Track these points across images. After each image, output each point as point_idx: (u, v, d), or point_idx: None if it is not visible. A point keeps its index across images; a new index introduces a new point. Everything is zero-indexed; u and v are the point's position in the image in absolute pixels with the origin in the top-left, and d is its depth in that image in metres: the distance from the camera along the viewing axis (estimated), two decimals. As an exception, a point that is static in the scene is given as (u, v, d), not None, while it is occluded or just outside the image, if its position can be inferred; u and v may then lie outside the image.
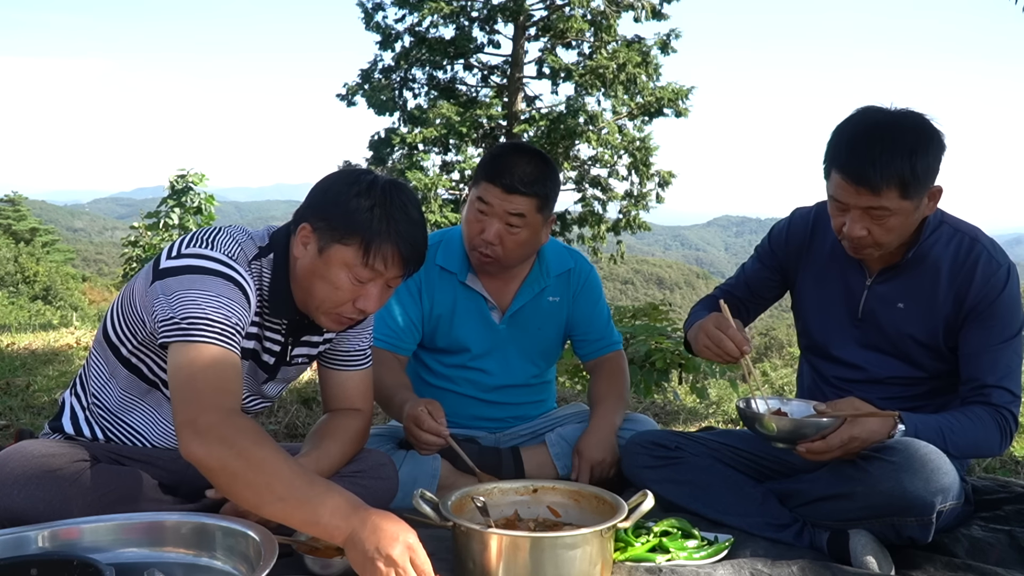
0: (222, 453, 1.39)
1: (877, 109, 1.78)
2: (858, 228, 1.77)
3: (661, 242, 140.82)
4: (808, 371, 2.15)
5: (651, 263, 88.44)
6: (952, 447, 1.74)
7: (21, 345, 5.49)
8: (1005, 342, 1.83)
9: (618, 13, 16.84)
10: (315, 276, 1.64)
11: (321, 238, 1.62)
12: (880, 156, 1.69)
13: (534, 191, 2.11)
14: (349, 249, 1.60)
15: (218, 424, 1.41)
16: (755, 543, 1.83)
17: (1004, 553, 1.76)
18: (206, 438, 1.40)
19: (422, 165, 17.52)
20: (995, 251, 1.87)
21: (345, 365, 1.93)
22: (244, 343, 1.68)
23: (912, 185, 1.70)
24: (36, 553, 1.37)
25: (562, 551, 1.48)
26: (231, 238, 1.66)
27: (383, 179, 1.66)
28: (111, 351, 1.77)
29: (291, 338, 1.80)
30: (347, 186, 1.63)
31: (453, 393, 2.37)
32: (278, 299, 1.71)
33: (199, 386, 1.46)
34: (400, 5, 17.25)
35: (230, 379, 1.50)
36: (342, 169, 1.68)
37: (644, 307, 6.77)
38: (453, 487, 1.94)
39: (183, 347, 1.50)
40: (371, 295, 1.65)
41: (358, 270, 1.61)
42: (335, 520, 1.34)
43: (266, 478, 1.37)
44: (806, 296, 2.10)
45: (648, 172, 17.68)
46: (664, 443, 2.07)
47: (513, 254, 2.19)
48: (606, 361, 2.44)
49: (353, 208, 1.59)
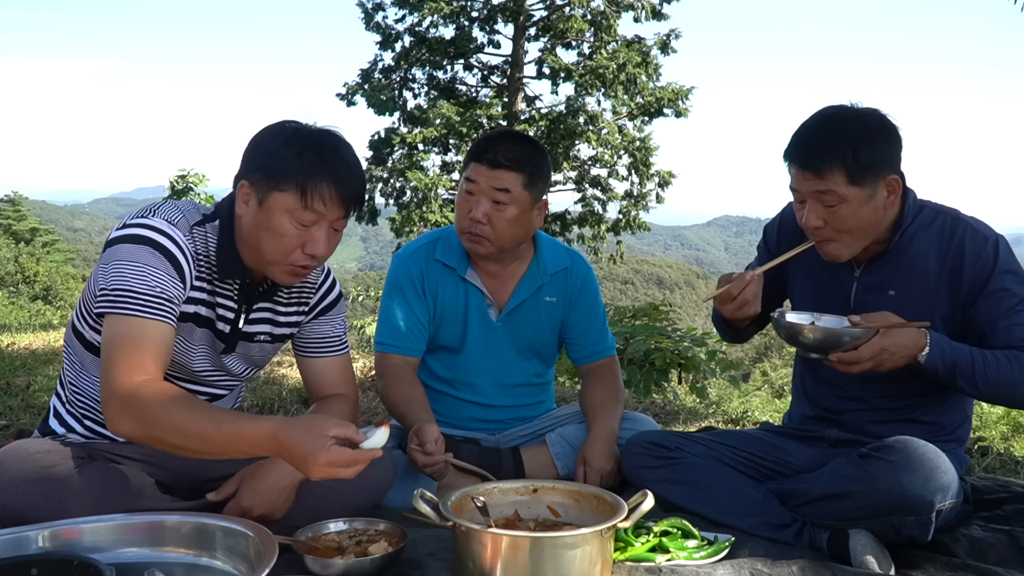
0: (140, 425, 1.50)
1: (834, 105, 1.87)
2: (813, 217, 1.84)
3: (661, 242, 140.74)
4: (807, 374, 2.13)
5: (651, 263, 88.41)
6: (981, 379, 1.75)
7: (21, 345, 5.49)
8: (1020, 303, 1.82)
9: (618, 13, 16.83)
10: (260, 229, 1.66)
11: (259, 190, 1.65)
12: (822, 141, 1.79)
13: (519, 167, 2.14)
14: (287, 195, 1.63)
15: (131, 397, 1.50)
16: (755, 543, 1.83)
17: (1004, 553, 1.76)
18: (123, 413, 1.51)
19: (422, 165, 17.52)
20: (979, 225, 1.89)
21: (322, 352, 1.96)
22: (197, 310, 1.73)
23: (856, 170, 1.77)
24: (36, 553, 1.37)
25: (562, 551, 1.49)
26: (175, 207, 1.71)
27: (311, 127, 1.70)
28: (77, 340, 1.80)
29: (244, 305, 1.81)
30: (275, 135, 1.66)
31: (452, 397, 2.38)
32: (225, 260, 1.73)
33: (114, 361, 1.55)
34: (400, 5, 17.24)
35: (147, 350, 1.56)
36: (265, 126, 1.71)
37: (644, 307, 6.77)
38: (453, 487, 1.94)
39: (109, 319, 1.59)
40: (318, 239, 1.67)
41: (299, 214, 1.64)
42: (259, 452, 1.46)
43: (184, 439, 1.47)
44: (798, 290, 2.11)
45: (648, 172, 17.67)
46: (664, 443, 2.07)
47: (503, 233, 2.18)
48: (602, 366, 2.43)
49: (284, 155, 1.63)
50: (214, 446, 1.46)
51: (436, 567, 1.65)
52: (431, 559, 1.69)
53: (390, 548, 1.64)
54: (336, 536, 1.72)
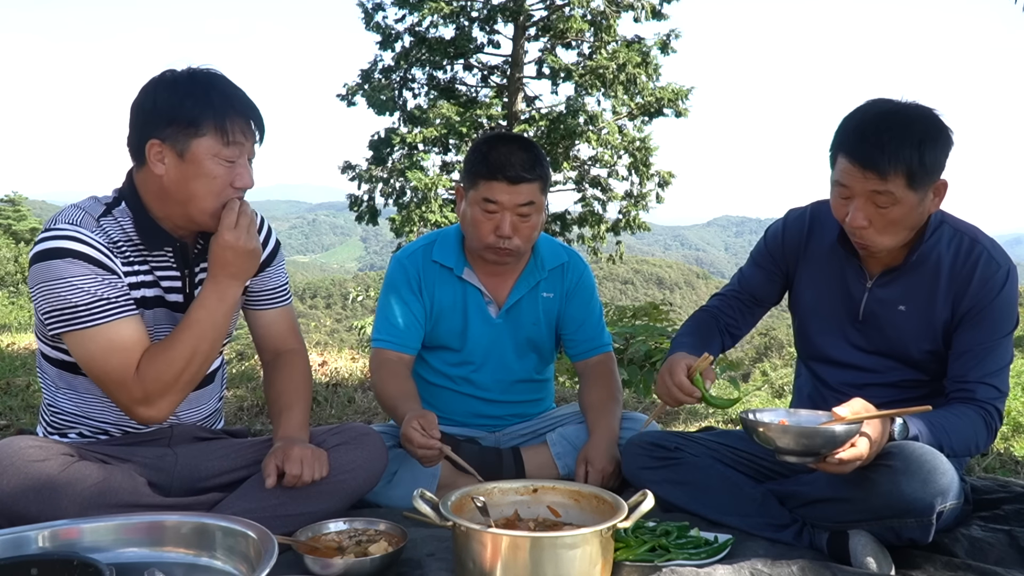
0: (166, 399, 1.69)
1: (888, 100, 1.78)
2: (860, 217, 1.76)
3: (661, 242, 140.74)
4: (809, 378, 2.13)
5: (651, 263, 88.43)
6: (947, 448, 1.74)
7: (21, 345, 5.49)
8: (995, 341, 1.82)
9: (618, 13, 16.82)
10: (188, 180, 1.69)
11: (175, 143, 1.66)
12: (890, 142, 1.69)
13: (537, 174, 2.14)
14: (207, 138, 1.66)
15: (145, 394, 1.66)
16: (755, 543, 1.83)
17: (1004, 553, 1.76)
18: (151, 408, 1.68)
19: (422, 165, 17.50)
20: (995, 252, 1.86)
21: (270, 303, 2.02)
22: (143, 293, 1.76)
23: (919, 174, 1.70)
24: (36, 553, 1.37)
25: (562, 551, 1.48)
26: (75, 208, 1.73)
27: (197, 69, 1.72)
28: (45, 360, 1.83)
29: (186, 270, 1.83)
30: (169, 87, 1.68)
31: (452, 391, 2.38)
32: (147, 233, 1.75)
33: (106, 376, 1.66)
34: (400, 5, 17.22)
35: (124, 348, 1.66)
36: (147, 84, 1.72)
37: (644, 307, 6.76)
38: (453, 487, 1.94)
39: (70, 338, 1.65)
40: (243, 171, 1.73)
41: (223, 151, 1.68)
42: (230, 296, 1.75)
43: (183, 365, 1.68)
44: (804, 297, 2.08)
45: (648, 172, 17.66)
46: (664, 444, 2.07)
47: (530, 241, 2.23)
48: (599, 363, 2.43)
49: (188, 104, 1.65)
50: (211, 328, 1.71)
51: (436, 567, 1.65)
52: (431, 559, 1.69)
53: (390, 548, 1.64)
54: (336, 536, 1.72)
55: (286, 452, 1.77)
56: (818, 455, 1.62)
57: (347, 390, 4.09)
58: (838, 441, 1.60)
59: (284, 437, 1.84)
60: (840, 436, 1.60)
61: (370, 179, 17.82)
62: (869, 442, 1.62)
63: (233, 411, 3.66)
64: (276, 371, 2.00)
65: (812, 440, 1.60)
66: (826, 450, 1.60)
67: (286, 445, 1.80)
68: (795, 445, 1.62)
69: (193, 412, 1.92)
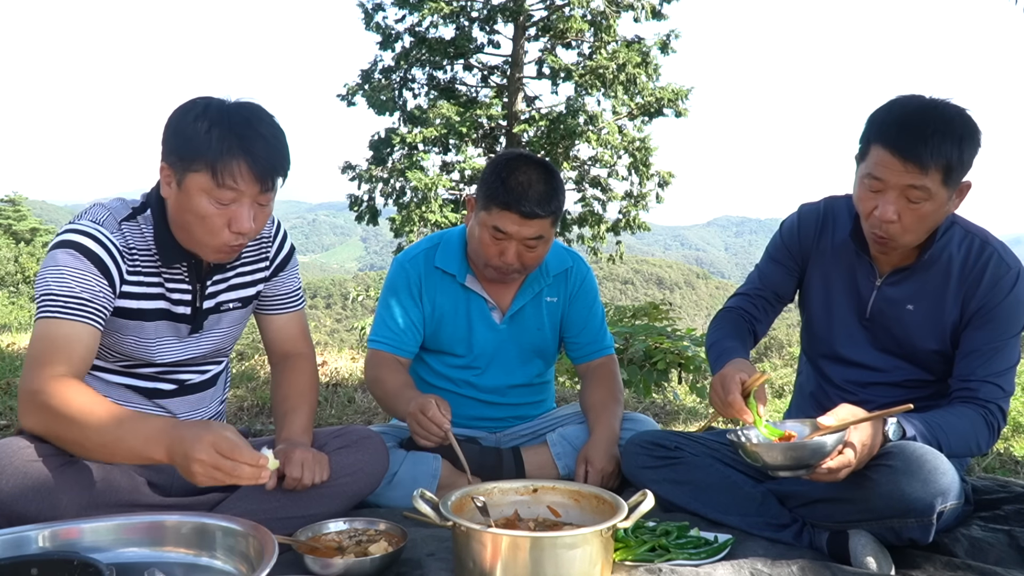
0: (42, 421, 1.56)
1: (921, 96, 1.76)
2: (891, 211, 1.73)
3: (661, 242, 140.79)
4: (812, 376, 2.12)
5: (651, 263, 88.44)
6: (946, 448, 1.74)
7: (21, 345, 5.49)
8: (1003, 341, 1.83)
9: (618, 13, 16.82)
10: (184, 211, 1.66)
11: (176, 172, 1.65)
12: (933, 135, 1.67)
13: (551, 209, 2.11)
14: (199, 175, 1.62)
15: (36, 394, 1.56)
16: (755, 543, 1.83)
17: (1004, 553, 1.76)
18: (28, 410, 1.58)
19: (422, 165, 17.50)
20: (1006, 254, 1.86)
21: (282, 308, 2.01)
22: (143, 305, 1.74)
23: (956, 170, 1.70)
24: (36, 553, 1.37)
25: (562, 551, 1.48)
26: (102, 207, 1.72)
27: (223, 101, 1.66)
28: None
29: (198, 284, 1.81)
30: (186, 114, 1.64)
31: (454, 394, 2.37)
32: (164, 247, 1.74)
33: (28, 361, 1.61)
34: (400, 5, 17.23)
35: (59, 349, 1.60)
36: (183, 103, 1.68)
37: (644, 307, 6.77)
38: (453, 487, 1.94)
39: (36, 323, 1.65)
40: (241, 216, 1.65)
41: (215, 193, 1.62)
42: (152, 447, 1.45)
43: (81, 432, 1.51)
44: (813, 292, 2.07)
45: (648, 172, 17.66)
46: (664, 443, 2.07)
47: (533, 267, 2.23)
48: (600, 366, 2.43)
49: (191, 134, 1.61)
50: (112, 438, 1.48)
51: (436, 567, 1.65)
52: (431, 559, 1.69)
53: (390, 548, 1.64)
54: (336, 536, 1.72)
55: (287, 455, 1.77)
56: (809, 467, 1.62)
57: (347, 390, 4.09)
58: (826, 451, 1.61)
59: (286, 440, 1.84)
60: (827, 445, 1.60)
61: (370, 179, 17.82)
62: (855, 450, 1.63)
63: (233, 411, 3.66)
64: (282, 374, 2.00)
65: (799, 453, 1.62)
66: (815, 460, 1.61)
67: (288, 448, 1.80)
68: (784, 460, 1.63)
69: (194, 414, 1.92)
